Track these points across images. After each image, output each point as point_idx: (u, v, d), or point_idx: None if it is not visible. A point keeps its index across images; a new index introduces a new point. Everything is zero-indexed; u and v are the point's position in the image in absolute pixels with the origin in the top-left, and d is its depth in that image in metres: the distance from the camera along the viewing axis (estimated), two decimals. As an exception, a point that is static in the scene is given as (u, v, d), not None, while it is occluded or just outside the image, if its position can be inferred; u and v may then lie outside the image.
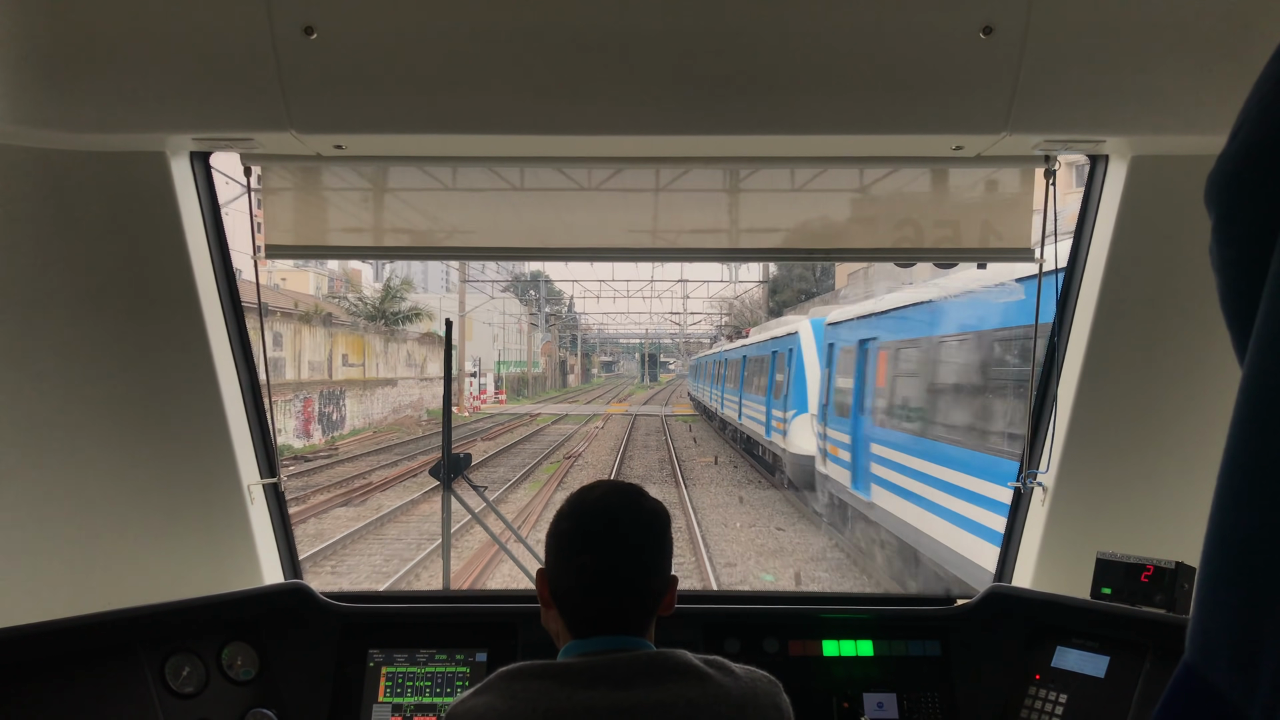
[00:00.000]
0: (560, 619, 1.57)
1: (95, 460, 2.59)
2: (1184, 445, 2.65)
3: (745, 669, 1.54)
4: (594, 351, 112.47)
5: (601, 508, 1.57)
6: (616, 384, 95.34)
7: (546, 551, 1.60)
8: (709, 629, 2.64)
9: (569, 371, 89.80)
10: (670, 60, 2.16)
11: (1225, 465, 0.67)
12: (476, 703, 1.44)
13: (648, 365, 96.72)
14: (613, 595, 1.52)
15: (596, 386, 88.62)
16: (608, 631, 1.52)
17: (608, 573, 1.52)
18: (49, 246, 2.41)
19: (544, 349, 75.98)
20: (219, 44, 2.13)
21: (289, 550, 2.93)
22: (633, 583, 1.53)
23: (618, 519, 1.55)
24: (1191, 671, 0.68)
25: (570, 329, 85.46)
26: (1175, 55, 2.13)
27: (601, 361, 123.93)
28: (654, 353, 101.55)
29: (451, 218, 2.82)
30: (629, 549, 1.54)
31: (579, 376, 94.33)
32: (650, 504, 1.60)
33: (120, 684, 2.24)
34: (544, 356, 76.37)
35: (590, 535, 1.54)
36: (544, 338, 75.78)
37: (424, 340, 42.24)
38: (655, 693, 1.41)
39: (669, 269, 64.47)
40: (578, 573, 1.52)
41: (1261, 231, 0.67)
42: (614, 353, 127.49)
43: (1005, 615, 2.61)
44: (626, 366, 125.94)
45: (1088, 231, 2.65)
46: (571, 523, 1.56)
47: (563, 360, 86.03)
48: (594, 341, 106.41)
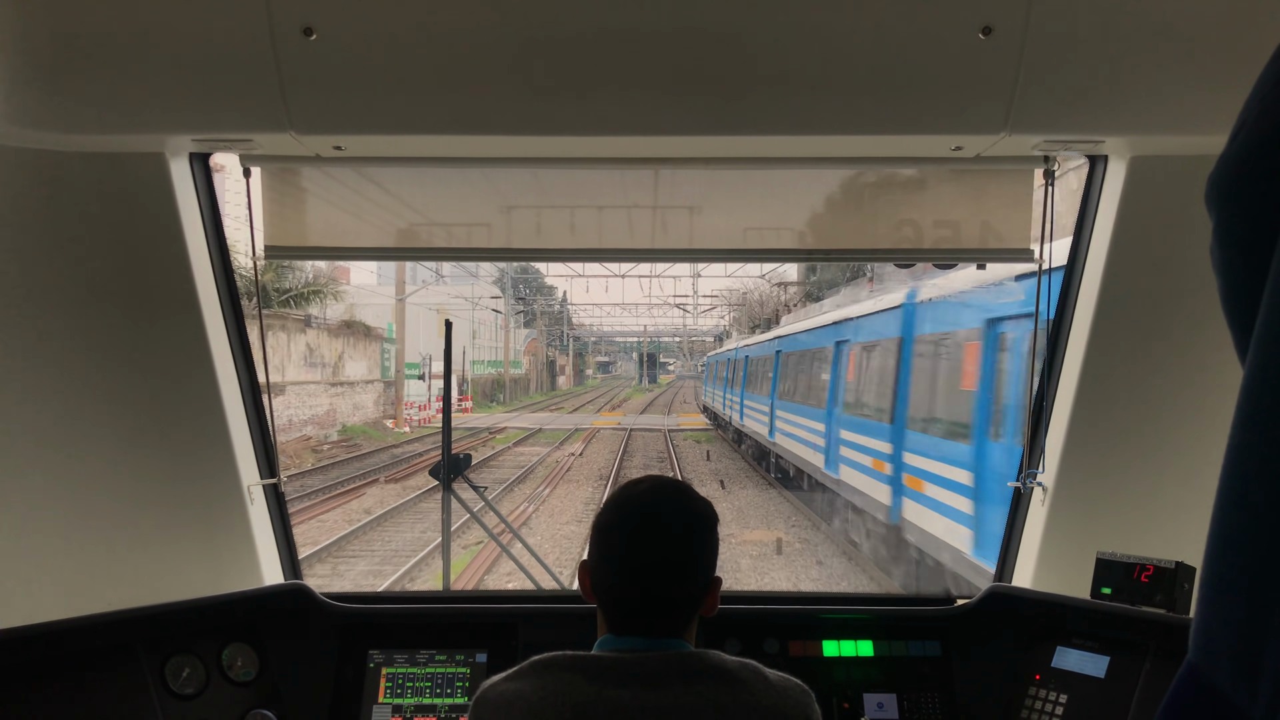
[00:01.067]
0: (600, 612, 1.56)
1: (95, 461, 2.59)
2: (1184, 445, 2.65)
3: (779, 676, 1.51)
4: (588, 351, 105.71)
5: (645, 502, 1.56)
6: (612, 386, 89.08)
7: (590, 543, 1.59)
8: (710, 629, 2.64)
9: (559, 373, 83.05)
10: (670, 61, 2.16)
11: (1227, 465, 0.67)
12: (508, 688, 1.44)
13: (646, 366, 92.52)
14: (651, 592, 1.50)
15: (590, 389, 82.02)
16: (645, 633, 1.50)
17: (647, 569, 1.50)
18: (48, 247, 2.40)
19: (528, 347, 69.54)
20: (218, 45, 2.13)
21: (289, 551, 2.93)
22: (672, 580, 1.51)
23: (660, 514, 1.54)
24: (1194, 672, 0.68)
25: (560, 325, 78.21)
26: (1174, 56, 2.13)
27: (597, 362, 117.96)
28: (653, 352, 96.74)
29: (451, 218, 2.82)
30: (670, 546, 1.52)
31: (570, 379, 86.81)
32: (696, 503, 1.58)
33: (120, 685, 2.24)
34: (528, 356, 69.12)
35: (631, 530, 1.53)
36: (529, 335, 70.52)
37: (342, 331, 32.34)
38: (685, 695, 1.40)
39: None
40: (617, 567, 1.52)
41: (1262, 232, 0.68)
42: (610, 353, 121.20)
43: (1005, 615, 2.61)
44: (625, 368, 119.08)
45: (1087, 232, 2.65)
46: (615, 515, 1.55)
47: (551, 360, 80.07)
48: (587, 340, 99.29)
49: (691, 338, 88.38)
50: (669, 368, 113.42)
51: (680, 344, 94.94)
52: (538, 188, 2.75)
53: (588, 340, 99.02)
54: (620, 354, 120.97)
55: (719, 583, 1.60)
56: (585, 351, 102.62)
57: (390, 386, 35.31)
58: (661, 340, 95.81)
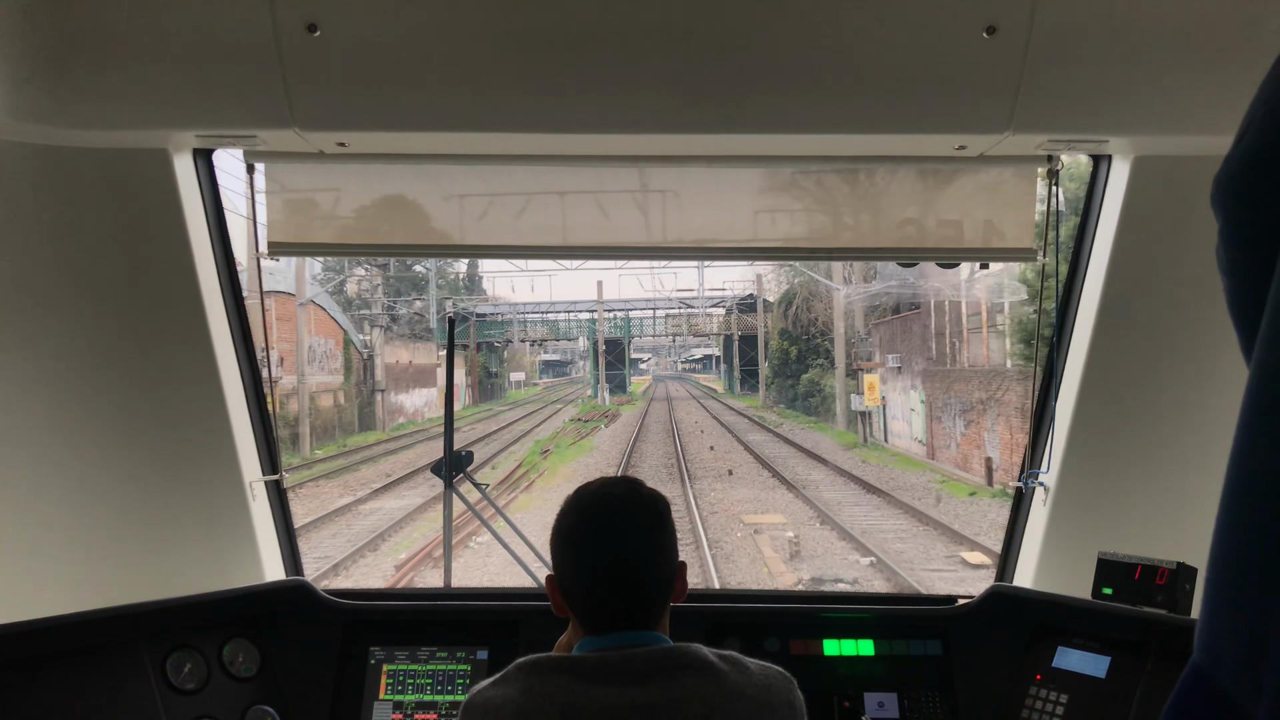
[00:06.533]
0: (574, 619, 1.58)
1: (97, 456, 2.60)
2: (1186, 445, 2.65)
3: (759, 664, 1.54)
4: (502, 338, 50.84)
5: (600, 497, 1.59)
6: (562, 394, 55.89)
7: (553, 552, 1.60)
8: (710, 629, 2.64)
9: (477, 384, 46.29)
10: (673, 59, 2.16)
11: (1232, 465, 0.67)
12: (494, 694, 1.46)
13: (603, 365, 47.92)
14: (621, 585, 1.52)
15: (511, 406, 46.37)
16: (621, 627, 1.53)
17: (614, 562, 1.53)
18: (52, 243, 2.41)
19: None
20: (222, 41, 2.13)
21: (290, 547, 2.93)
22: (639, 570, 1.54)
23: (616, 506, 1.57)
24: (1199, 672, 0.68)
25: (454, 297, 44.30)
26: (1178, 55, 2.13)
27: (542, 362, 75.48)
28: (618, 337, 52.86)
29: (452, 215, 2.82)
30: (635, 536, 1.55)
31: (474, 393, 46.41)
32: (649, 493, 1.61)
33: (122, 680, 2.25)
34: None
35: (592, 525, 1.56)
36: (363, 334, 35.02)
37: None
38: (671, 689, 1.42)
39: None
40: (588, 565, 1.54)
41: (1269, 233, 0.67)
42: (567, 350, 74.81)
43: (1006, 615, 2.61)
44: (587, 365, 64.77)
45: (1090, 231, 2.65)
46: (573, 516, 1.58)
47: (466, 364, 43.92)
48: (509, 320, 49.57)
49: (691, 309, 49.97)
50: (642, 365, 76.86)
51: (670, 325, 53.09)
52: (540, 184, 2.75)
53: (513, 321, 49.56)
54: (577, 350, 74.05)
55: (684, 567, 1.63)
56: (499, 342, 51.60)
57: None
58: (633, 316, 52.66)
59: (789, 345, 38.78)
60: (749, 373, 50.16)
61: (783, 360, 39.69)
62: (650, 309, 52.03)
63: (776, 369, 40.92)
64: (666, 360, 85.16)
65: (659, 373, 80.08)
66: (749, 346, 47.95)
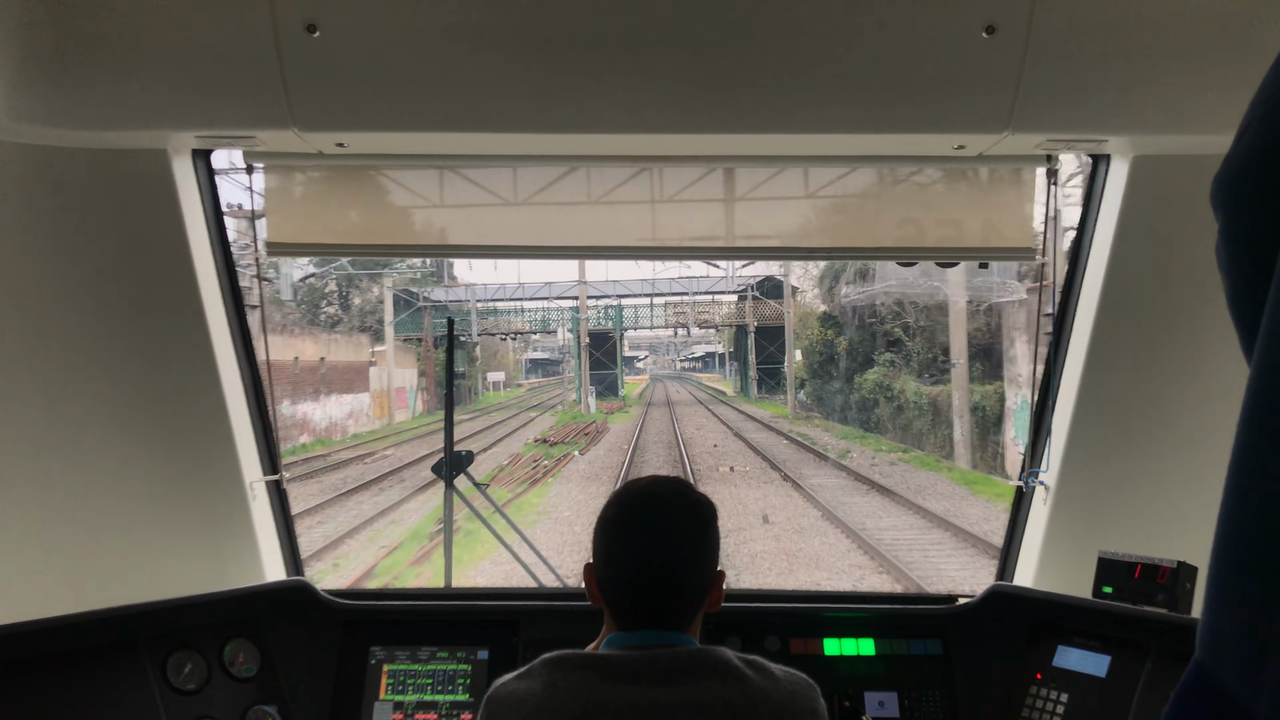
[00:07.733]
0: (606, 612, 1.58)
1: (97, 457, 2.60)
2: (1186, 444, 2.65)
3: (785, 671, 1.53)
4: (472, 329, 39.29)
5: (647, 494, 1.59)
6: (544, 399, 47.09)
7: (594, 541, 1.60)
8: (711, 627, 2.64)
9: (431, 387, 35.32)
10: (672, 59, 2.16)
11: (1233, 464, 0.67)
12: (518, 687, 1.46)
13: (587, 362, 38.40)
14: (655, 583, 1.52)
15: (474, 414, 34.59)
16: (650, 625, 1.52)
17: (652, 559, 1.52)
18: (51, 243, 2.41)
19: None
20: (221, 42, 2.13)
21: (291, 547, 2.93)
22: (676, 570, 1.53)
23: (663, 505, 1.56)
24: (1201, 670, 0.69)
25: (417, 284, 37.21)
26: (1177, 55, 2.13)
27: (528, 361, 66.64)
28: (607, 329, 44.98)
29: (452, 215, 2.82)
30: (678, 536, 1.54)
31: (428, 397, 36.25)
32: (697, 496, 1.60)
33: (122, 681, 2.25)
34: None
35: (636, 521, 1.55)
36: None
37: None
38: (695, 692, 1.42)
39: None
40: (623, 559, 1.53)
41: (1268, 233, 0.68)
42: (557, 349, 61.19)
43: (1007, 614, 2.61)
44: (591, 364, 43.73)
45: (1089, 231, 2.65)
46: (618, 509, 1.57)
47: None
48: (474, 309, 39.72)
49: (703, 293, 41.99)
50: (639, 363, 67.72)
51: (672, 314, 43.83)
52: (540, 185, 2.75)
53: (472, 311, 39.48)
54: (561, 344, 55.65)
55: (723, 576, 1.62)
56: (464, 338, 39.33)
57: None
58: (625, 304, 43.85)
59: (834, 335, 29.44)
60: (768, 372, 41.91)
61: (825, 355, 29.89)
62: (647, 296, 42.45)
63: (815, 368, 31.46)
64: (665, 359, 78.63)
65: (657, 372, 71.61)
66: (767, 340, 40.02)
